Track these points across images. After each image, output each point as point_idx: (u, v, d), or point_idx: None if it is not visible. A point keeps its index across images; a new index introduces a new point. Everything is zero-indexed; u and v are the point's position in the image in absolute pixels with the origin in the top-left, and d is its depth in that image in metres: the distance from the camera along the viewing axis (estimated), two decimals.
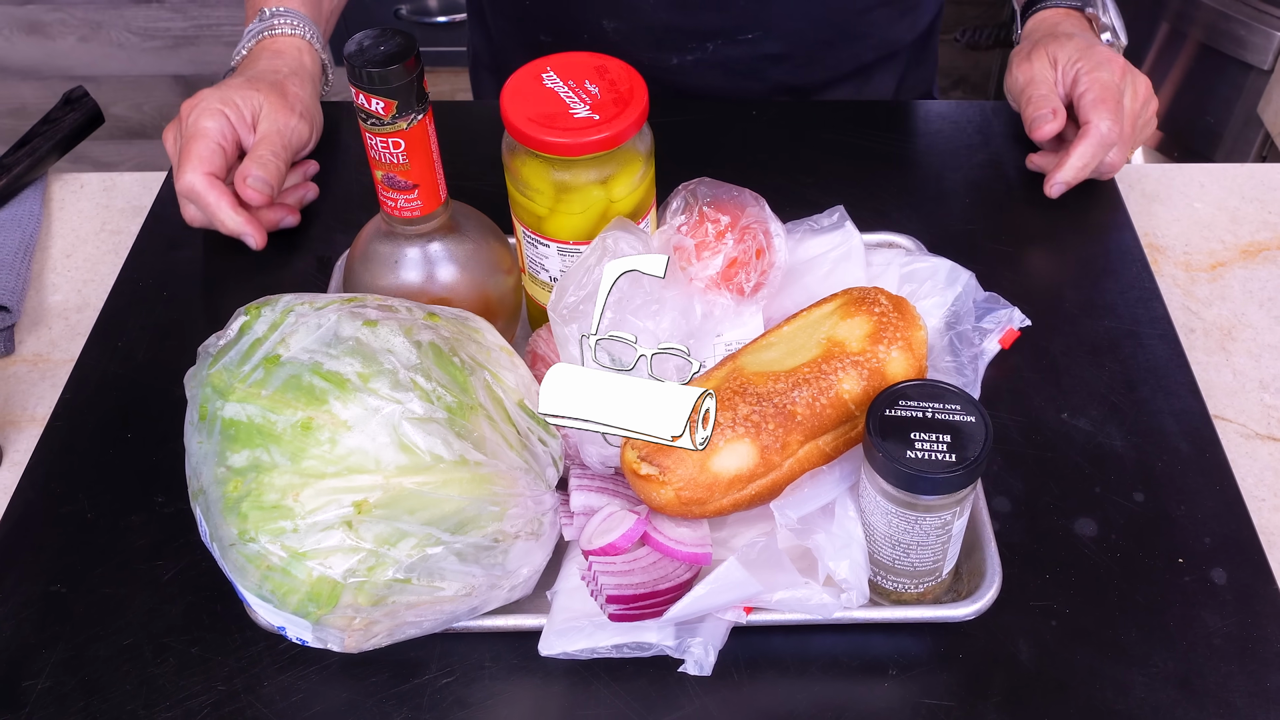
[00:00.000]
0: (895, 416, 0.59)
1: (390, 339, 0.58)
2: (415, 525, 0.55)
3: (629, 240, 0.65)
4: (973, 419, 0.58)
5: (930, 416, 0.58)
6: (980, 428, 0.58)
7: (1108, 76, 0.87)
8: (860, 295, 0.68)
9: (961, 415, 0.59)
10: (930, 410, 0.59)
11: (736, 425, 0.62)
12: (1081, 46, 0.90)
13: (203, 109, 0.85)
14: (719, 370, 0.65)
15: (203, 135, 0.83)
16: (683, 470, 0.61)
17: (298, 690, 0.64)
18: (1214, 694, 0.62)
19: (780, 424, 0.62)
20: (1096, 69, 0.87)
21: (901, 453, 0.57)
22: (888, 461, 0.57)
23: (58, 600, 0.68)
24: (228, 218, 0.83)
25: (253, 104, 0.86)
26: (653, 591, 0.61)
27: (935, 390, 0.60)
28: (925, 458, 0.57)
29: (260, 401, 0.56)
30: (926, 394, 0.60)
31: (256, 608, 0.59)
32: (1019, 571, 0.67)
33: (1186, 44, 1.38)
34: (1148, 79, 0.91)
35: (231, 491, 0.55)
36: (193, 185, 0.82)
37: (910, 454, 0.57)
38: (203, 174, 0.82)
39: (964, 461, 0.57)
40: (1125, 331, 0.81)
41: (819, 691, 0.63)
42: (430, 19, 2.08)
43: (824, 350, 0.65)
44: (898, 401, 0.59)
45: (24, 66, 2.25)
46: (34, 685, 0.64)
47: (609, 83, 0.67)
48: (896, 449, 0.57)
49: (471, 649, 0.65)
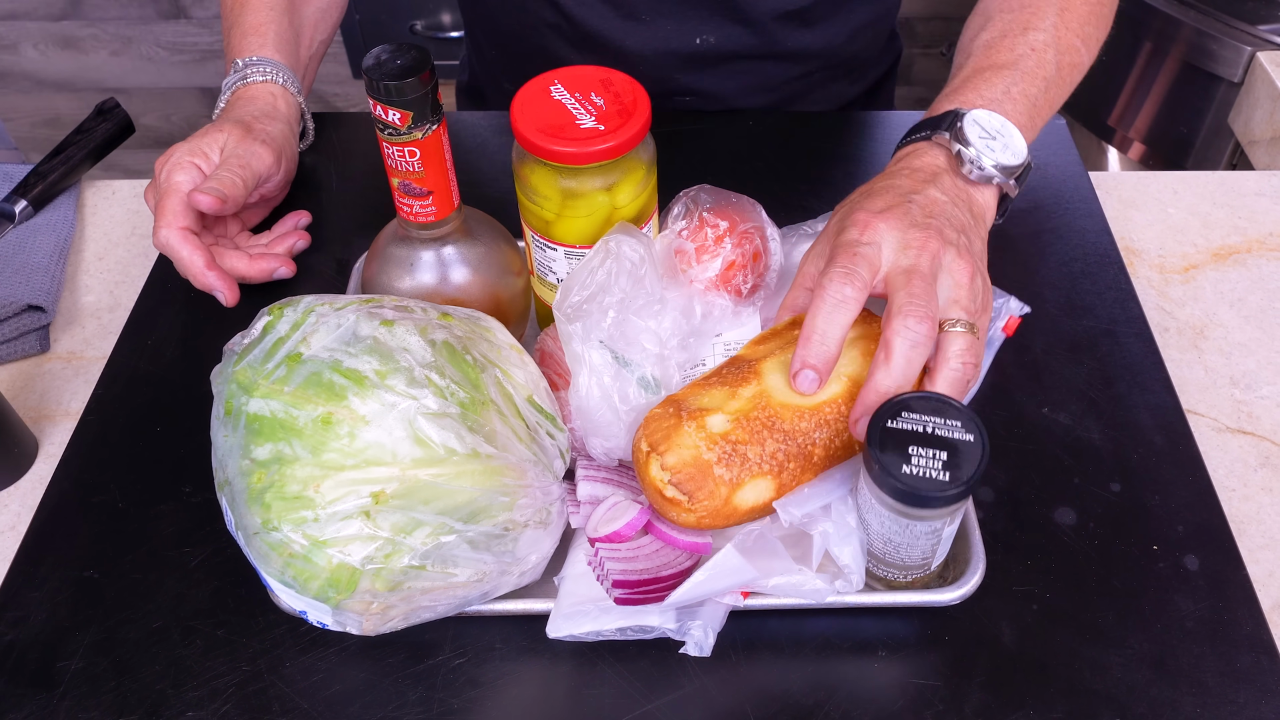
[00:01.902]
0: (896, 429, 0.57)
1: (406, 338, 0.58)
2: (430, 515, 0.55)
3: (631, 244, 0.65)
4: (971, 437, 0.57)
5: (930, 432, 0.57)
6: (978, 447, 0.56)
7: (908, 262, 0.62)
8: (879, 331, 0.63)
9: (961, 433, 0.57)
10: (931, 425, 0.57)
11: (763, 463, 0.60)
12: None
13: (173, 164, 0.82)
14: (746, 388, 0.62)
15: (174, 190, 0.80)
16: (709, 502, 0.60)
17: (318, 670, 0.63)
18: (1187, 674, 0.62)
19: (799, 464, 0.61)
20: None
21: (898, 467, 0.55)
22: (884, 474, 0.56)
23: (90, 585, 0.68)
24: (199, 274, 0.80)
25: (219, 144, 0.83)
26: (655, 577, 0.61)
27: (939, 405, 0.58)
28: (920, 474, 0.55)
29: (283, 397, 0.56)
30: (930, 408, 0.58)
31: (279, 593, 0.59)
32: (1002, 558, 0.67)
33: (1168, 61, 1.38)
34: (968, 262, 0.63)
35: (255, 483, 0.55)
36: (167, 241, 0.79)
37: (906, 469, 0.55)
38: (177, 229, 0.79)
39: (957, 481, 0.55)
40: (1103, 331, 0.81)
41: (812, 671, 0.63)
42: (444, 34, 2.08)
43: (845, 390, 0.62)
44: (900, 413, 0.57)
45: (59, 79, 2.25)
46: (68, 666, 0.64)
47: (614, 95, 0.67)
48: (894, 462, 0.56)
49: (483, 631, 0.65)
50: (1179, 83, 1.38)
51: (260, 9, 0.91)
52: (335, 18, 1.02)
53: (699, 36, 0.97)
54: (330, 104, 2.25)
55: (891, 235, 0.62)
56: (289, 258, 0.86)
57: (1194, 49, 1.33)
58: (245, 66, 0.89)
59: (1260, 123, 1.19)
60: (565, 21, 0.98)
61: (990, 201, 0.71)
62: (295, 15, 0.95)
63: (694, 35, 0.97)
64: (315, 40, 0.98)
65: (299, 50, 0.95)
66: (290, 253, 0.87)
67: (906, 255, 0.61)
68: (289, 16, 0.94)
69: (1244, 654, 0.63)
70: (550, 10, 0.98)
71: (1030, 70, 0.76)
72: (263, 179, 0.85)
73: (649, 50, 0.98)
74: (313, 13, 0.98)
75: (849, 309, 0.60)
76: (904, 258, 0.61)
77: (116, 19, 2.14)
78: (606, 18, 0.96)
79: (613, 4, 0.96)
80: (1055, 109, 0.79)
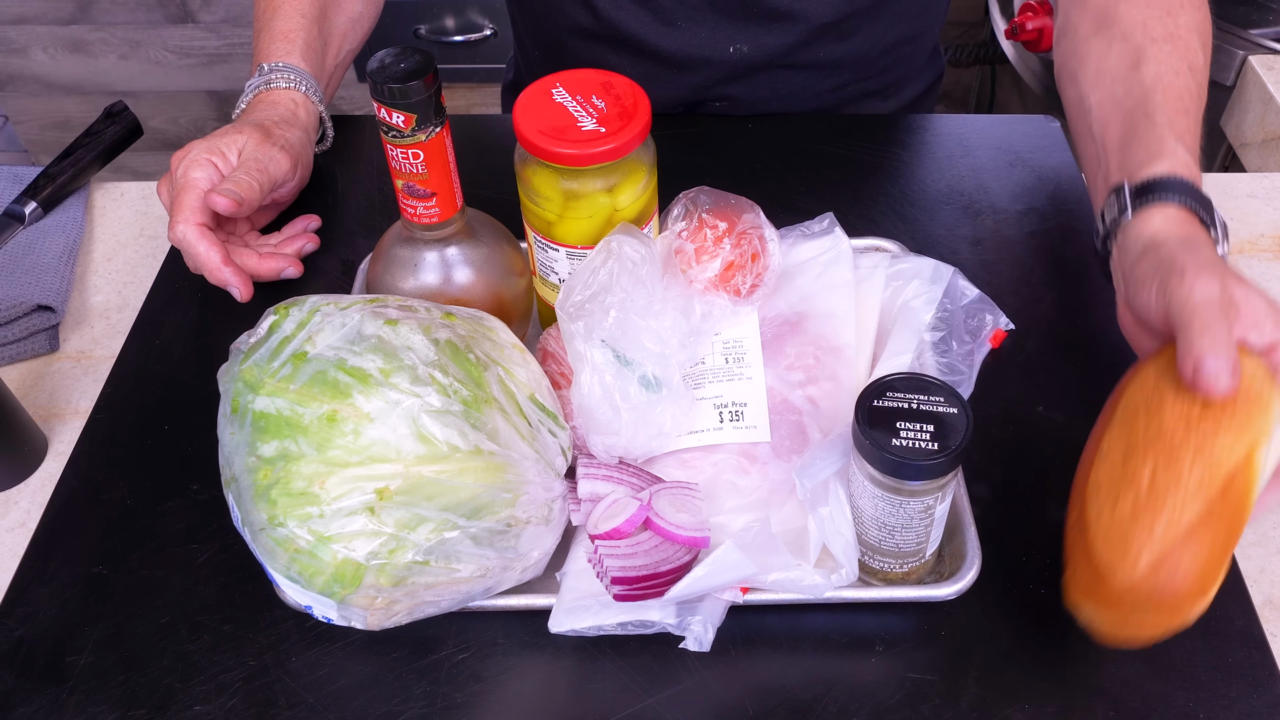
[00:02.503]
0: (882, 407, 0.58)
1: (410, 337, 0.58)
2: (433, 511, 0.55)
3: (633, 244, 0.65)
4: (955, 410, 0.58)
5: (915, 408, 0.58)
6: (962, 419, 0.58)
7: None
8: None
9: (945, 407, 0.58)
10: (916, 402, 0.59)
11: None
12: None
13: (191, 160, 0.82)
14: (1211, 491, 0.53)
15: (192, 186, 0.80)
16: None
17: (324, 665, 0.64)
18: (1179, 668, 0.62)
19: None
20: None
21: (888, 440, 0.57)
22: (875, 449, 0.57)
23: (99, 581, 0.68)
24: (215, 269, 0.80)
25: (238, 145, 0.83)
26: (654, 573, 0.61)
27: (921, 383, 0.60)
28: (910, 446, 0.57)
29: (289, 395, 0.56)
30: (913, 386, 0.59)
31: (285, 588, 0.59)
32: (998, 554, 0.67)
33: None
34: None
35: (262, 479, 0.55)
36: (184, 236, 0.79)
37: (896, 442, 0.57)
38: (194, 225, 0.79)
39: (946, 450, 0.56)
40: (1098, 331, 0.81)
41: (810, 666, 0.63)
42: (448, 38, 2.08)
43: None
44: (885, 393, 0.59)
45: (68, 82, 2.25)
46: (77, 660, 0.64)
47: (614, 98, 0.67)
48: (883, 437, 0.57)
49: (486, 626, 0.65)
50: None
51: (292, 15, 0.91)
52: (366, 27, 1.01)
53: (733, 45, 0.97)
54: (335, 106, 2.25)
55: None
56: (297, 259, 0.86)
57: None
58: (270, 71, 0.89)
59: (1252, 125, 1.19)
60: (602, 26, 0.98)
61: None
62: (325, 23, 0.95)
63: (728, 43, 0.97)
64: (343, 49, 0.98)
65: (325, 59, 0.94)
66: (299, 254, 0.87)
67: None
68: (319, 25, 0.93)
69: (1236, 649, 0.63)
70: (587, 15, 0.98)
71: (1192, 100, 0.73)
72: (278, 184, 0.85)
73: (684, 56, 0.98)
74: (343, 22, 0.97)
75: None
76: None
77: (125, 23, 2.14)
78: (644, 22, 0.97)
79: (650, 9, 0.96)
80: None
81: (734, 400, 0.68)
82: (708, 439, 0.68)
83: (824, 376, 0.70)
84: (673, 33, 0.97)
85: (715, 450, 0.68)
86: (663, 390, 0.65)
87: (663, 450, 0.67)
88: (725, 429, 0.68)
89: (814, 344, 0.71)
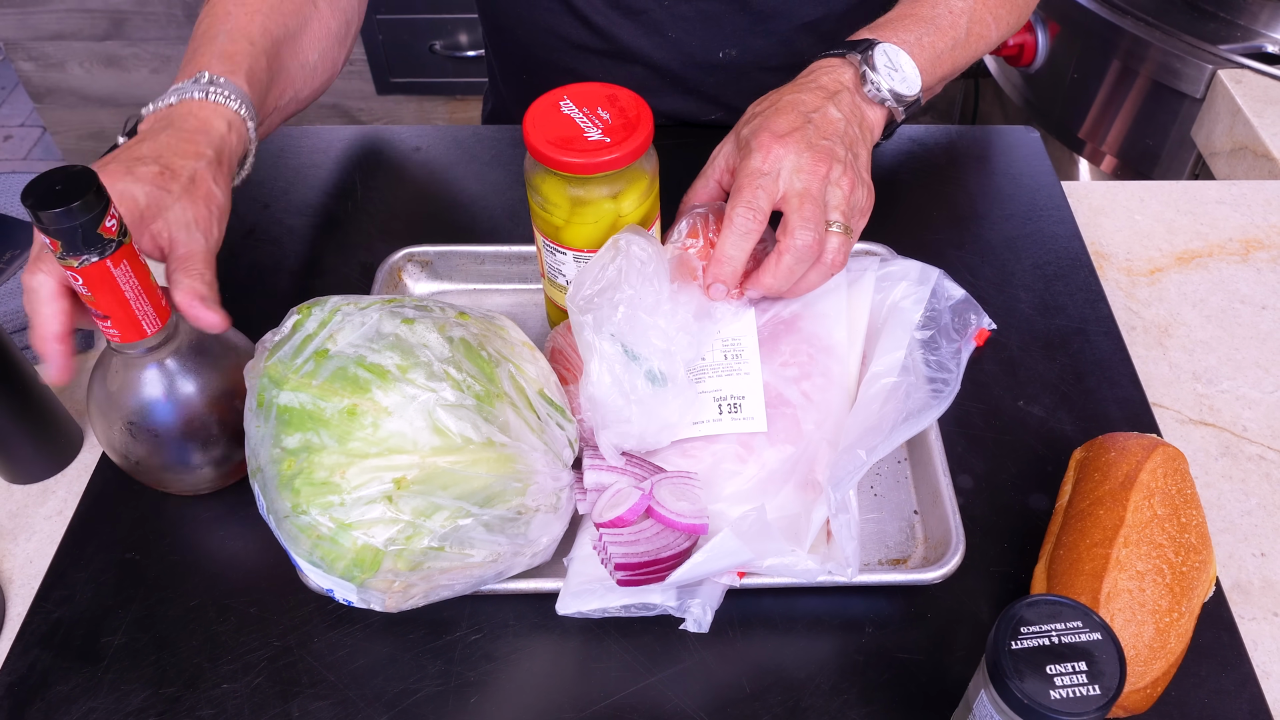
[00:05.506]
0: (1026, 649, 0.45)
1: (426, 335, 0.58)
2: (448, 499, 0.55)
3: (641, 243, 0.65)
4: (1098, 635, 0.46)
5: (1059, 641, 0.46)
6: (1108, 645, 0.45)
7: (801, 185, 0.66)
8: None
9: (1086, 633, 0.46)
10: (1056, 634, 0.46)
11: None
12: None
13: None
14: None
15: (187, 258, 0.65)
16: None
17: (344, 645, 0.63)
18: None
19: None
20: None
21: (1045, 695, 0.44)
22: (1030, 705, 0.44)
23: (132, 566, 0.68)
24: (47, 338, 0.61)
25: (157, 201, 0.65)
26: (656, 559, 0.61)
27: (1053, 608, 0.47)
28: (1070, 696, 0.44)
29: (311, 390, 0.56)
30: (1046, 614, 0.47)
31: (308, 572, 0.59)
32: (980, 540, 0.67)
33: (1136, 79, 1.38)
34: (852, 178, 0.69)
35: (286, 470, 0.55)
36: (41, 286, 0.60)
37: (1054, 694, 0.44)
38: (55, 279, 0.60)
39: (1107, 692, 0.44)
40: (1074, 329, 0.81)
41: (804, 646, 0.63)
42: (461, 53, 2.08)
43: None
44: (1019, 630, 0.46)
45: (102, 95, 2.25)
46: (111, 641, 0.64)
47: (619, 109, 0.67)
48: (1038, 688, 0.44)
49: (497, 609, 0.65)
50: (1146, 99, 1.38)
51: (238, 39, 0.76)
52: (319, 83, 0.87)
53: (722, 50, 0.96)
54: (355, 118, 2.25)
55: (789, 160, 0.67)
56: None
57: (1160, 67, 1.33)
58: (209, 83, 0.72)
59: (1220, 135, 1.19)
60: (595, 37, 0.97)
61: (879, 120, 0.76)
62: (276, 60, 0.79)
63: (717, 49, 0.96)
64: (287, 96, 0.82)
65: (267, 97, 0.78)
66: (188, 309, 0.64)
67: (800, 179, 0.67)
68: (268, 58, 0.78)
69: (1205, 629, 0.63)
70: (581, 29, 0.96)
71: (943, 28, 0.79)
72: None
73: (675, 64, 0.97)
74: (295, 67, 0.82)
75: (752, 237, 0.66)
76: (798, 181, 0.67)
77: (156, 39, 2.14)
78: (635, 34, 0.96)
79: (639, 21, 0.95)
80: (957, 69, 0.82)
81: (732, 394, 0.68)
82: (708, 429, 0.67)
83: (817, 372, 0.70)
84: (663, 42, 0.96)
85: (715, 440, 0.68)
86: (668, 385, 0.65)
87: (669, 441, 0.67)
88: (724, 420, 0.67)
89: (807, 342, 0.71)
